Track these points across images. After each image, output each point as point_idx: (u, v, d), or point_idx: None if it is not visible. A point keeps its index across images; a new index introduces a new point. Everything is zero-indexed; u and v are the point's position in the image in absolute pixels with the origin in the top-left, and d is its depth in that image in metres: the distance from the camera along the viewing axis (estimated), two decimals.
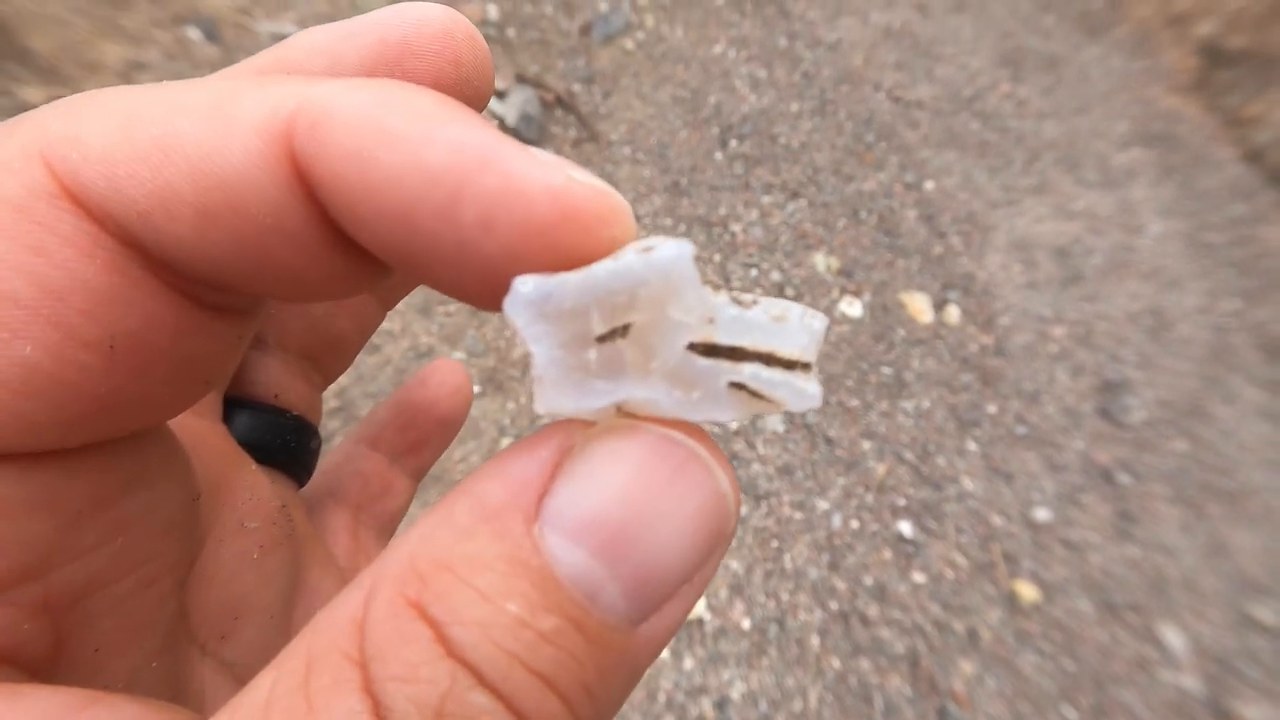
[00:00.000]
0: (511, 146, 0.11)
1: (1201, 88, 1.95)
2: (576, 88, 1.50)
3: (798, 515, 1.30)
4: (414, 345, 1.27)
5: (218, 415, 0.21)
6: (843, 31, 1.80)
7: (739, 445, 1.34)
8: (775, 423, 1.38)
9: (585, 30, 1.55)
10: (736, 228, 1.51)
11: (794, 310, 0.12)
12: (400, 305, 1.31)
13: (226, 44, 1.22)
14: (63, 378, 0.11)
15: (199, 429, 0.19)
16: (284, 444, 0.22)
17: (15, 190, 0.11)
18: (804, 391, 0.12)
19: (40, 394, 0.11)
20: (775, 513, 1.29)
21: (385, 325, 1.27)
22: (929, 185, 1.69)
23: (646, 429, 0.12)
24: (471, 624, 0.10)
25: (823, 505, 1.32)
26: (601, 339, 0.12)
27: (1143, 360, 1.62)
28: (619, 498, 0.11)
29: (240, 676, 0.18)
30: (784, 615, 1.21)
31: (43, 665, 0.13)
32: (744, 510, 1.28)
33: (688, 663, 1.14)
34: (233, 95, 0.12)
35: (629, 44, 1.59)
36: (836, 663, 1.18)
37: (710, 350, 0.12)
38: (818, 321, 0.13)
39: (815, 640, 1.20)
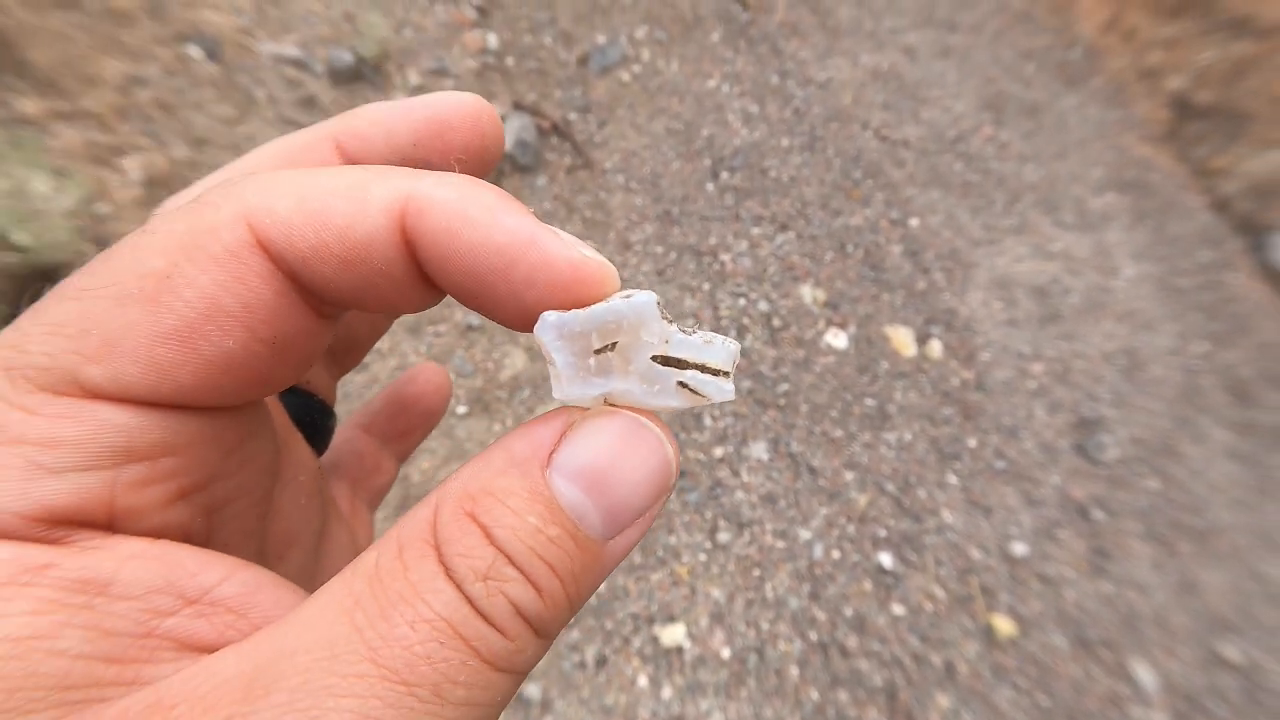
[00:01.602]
0: (548, 232, 0.17)
1: (1172, 139, 2.04)
2: (573, 116, 1.53)
3: (780, 544, 1.31)
4: (402, 364, 1.27)
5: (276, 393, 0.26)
6: (833, 71, 1.86)
7: (723, 473, 1.35)
8: (760, 451, 1.39)
9: (583, 61, 1.58)
10: (726, 257, 1.54)
11: (718, 339, 0.19)
12: (391, 325, 1.31)
13: (227, 63, 1.23)
14: (245, 362, 0.17)
15: (270, 402, 0.24)
16: (311, 421, 0.27)
17: (230, 241, 0.16)
18: (722, 389, 0.18)
19: (231, 371, 0.17)
20: (757, 541, 1.30)
21: (375, 345, 1.27)
22: (914, 222, 1.73)
23: (623, 413, 0.18)
24: (507, 528, 0.15)
25: (805, 535, 1.32)
26: (598, 351, 0.18)
27: (1117, 399, 1.66)
28: (602, 456, 0.17)
29: None
30: (764, 645, 1.21)
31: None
32: (726, 538, 1.29)
33: (666, 691, 1.13)
34: (367, 184, 0.17)
35: (625, 76, 1.63)
36: (815, 694, 1.18)
37: (666, 361, 0.18)
38: (733, 345, 0.19)
39: (794, 671, 1.20)
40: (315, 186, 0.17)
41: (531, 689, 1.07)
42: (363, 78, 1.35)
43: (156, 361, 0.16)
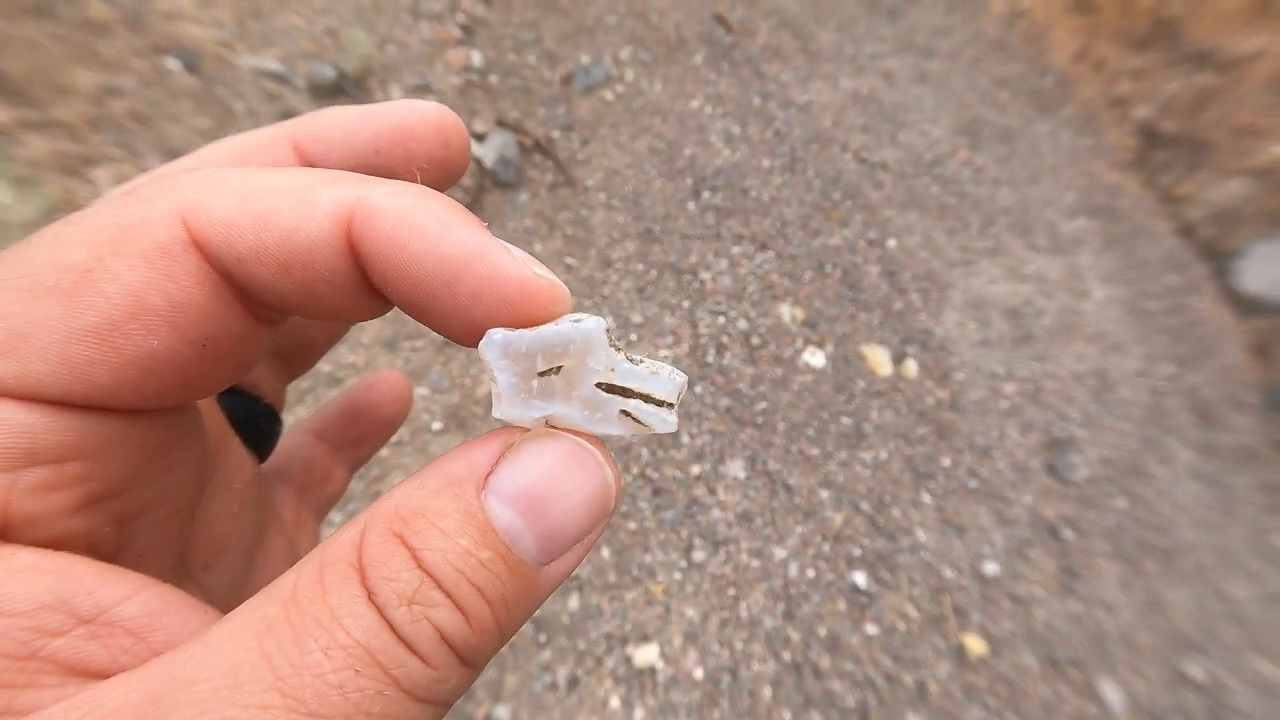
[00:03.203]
0: (498, 247, 0.17)
1: (1140, 166, 2.11)
2: (555, 134, 1.54)
3: (755, 563, 1.31)
4: None
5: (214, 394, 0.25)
6: (813, 94, 1.90)
7: (700, 491, 1.36)
8: (737, 469, 1.40)
9: (567, 80, 1.60)
10: (706, 276, 1.56)
11: (665, 369, 0.18)
12: (366, 339, 1.30)
13: (206, 75, 1.22)
14: (170, 363, 0.16)
15: (203, 404, 0.23)
16: (255, 425, 0.27)
17: (162, 238, 0.16)
18: (665, 420, 0.18)
19: (154, 373, 0.16)
20: (733, 560, 1.30)
21: (350, 359, 1.26)
22: (891, 243, 1.76)
23: (564, 436, 0.17)
24: (436, 550, 0.15)
25: (780, 554, 1.33)
26: (542, 374, 0.17)
27: (1087, 419, 1.70)
28: (540, 479, 0.16)
29: (214, 600, 0.22)
30: (737, 665, 1.21)
31: (108, 560, 0.17)
32: (702, 556, 1.29)
33: (638, 713, 1.12)
34: (315, 187, 0.17)
35: (609, 95, 1.65)
36: (788, 715, 1.18)
37: (610, 389, 0.18)
38: (679, 378, 0.19)
39: (767, 692, 1.19)
40: (260, 187, 0.17)
41: (501, 711, 1.06)
42: (344, 93, 1.35)
43: (71, 359, 0.15)
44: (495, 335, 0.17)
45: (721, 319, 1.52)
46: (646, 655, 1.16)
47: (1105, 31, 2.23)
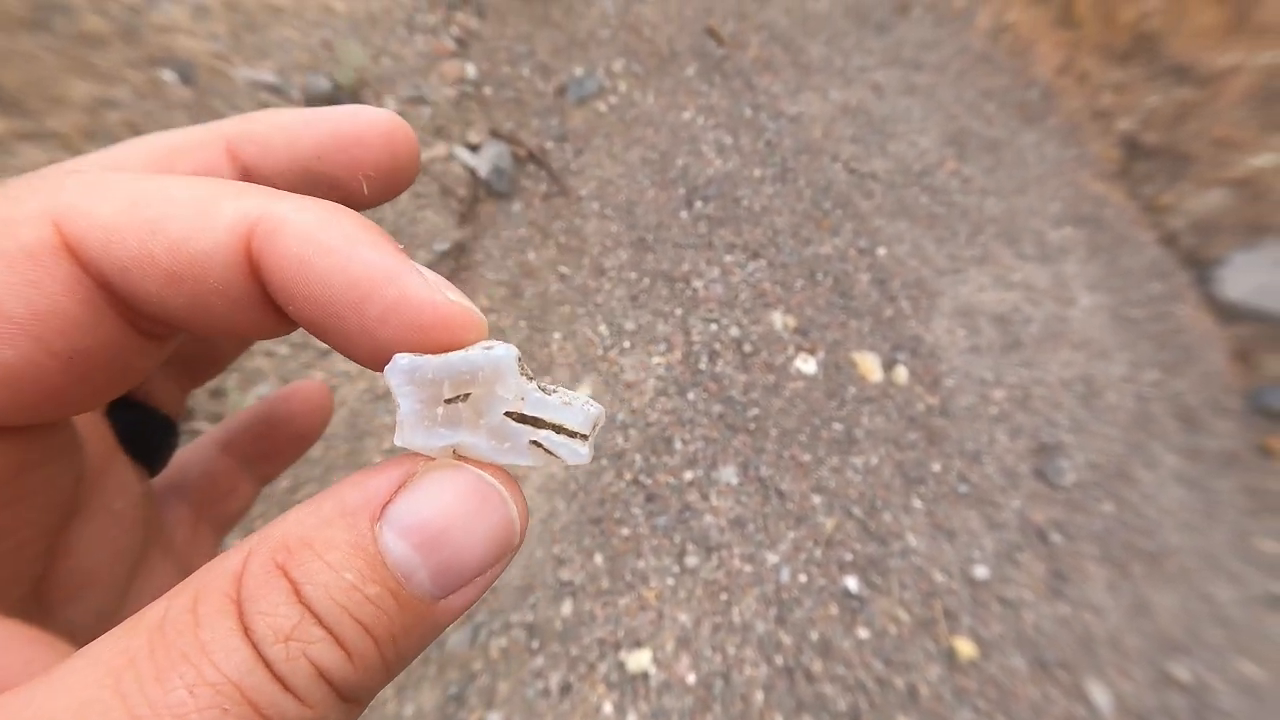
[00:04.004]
0: (410, 269, 0.16)
1: (1123, 176, 2.15)
2: (549, 145, 1.56)
3: (747, 568, 1.32)
4: (370, 388, 1.26)
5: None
6: (804, 105, 1.93)
7: (693, 497, 1.37)
8: (729, 475, 1.41)
9: (560, 91, 1.62)
10: (698, 284, 1.57)
11: (579, 400, 0.18)
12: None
13: (201, 87, 1.23)
14: (28, 376, 0.15)
15: (85, 417, 0.21)
16: (148, 439, 0.24)
17: (29, 239, 0.15)
18: (577, 452, 0.18)
19: (7, 386, 0.15)
20: (725, 565, 1.31)
21: (342, 367, 1.27)
22: (881, 252, 1.79)
23: (467, 469, 0.16)
24: (319, 584, 0.14)
25: (772, 559, 1.34)
26: (448, 401, 0.17)
27: (1074, 425, 1.72)
28: (438, 512, 0.15)
29: (75, 635, 0.19)
30: (729, 670, 1.21)
31: None
32: (694, 562, 1.30)
33: (631, 718, 1.13)
34: (215, 198, 0.16)
35: (602, 106, 1.67)
36: (780, 719, 1.19)
37: (521, 418, 0.17)
38: (594, 409, 0.18)
39: (759, 696, 1.20)
40: (152, 192, 0.15)
41: (494, 717, 1.06)
42: (339, 104, 1.36)
43: None
44: (401, 360, 0.16)
45: (714, 326, 1.53)
46: (639, 661, 1.17)
47: (1088, 46, 2.28)
